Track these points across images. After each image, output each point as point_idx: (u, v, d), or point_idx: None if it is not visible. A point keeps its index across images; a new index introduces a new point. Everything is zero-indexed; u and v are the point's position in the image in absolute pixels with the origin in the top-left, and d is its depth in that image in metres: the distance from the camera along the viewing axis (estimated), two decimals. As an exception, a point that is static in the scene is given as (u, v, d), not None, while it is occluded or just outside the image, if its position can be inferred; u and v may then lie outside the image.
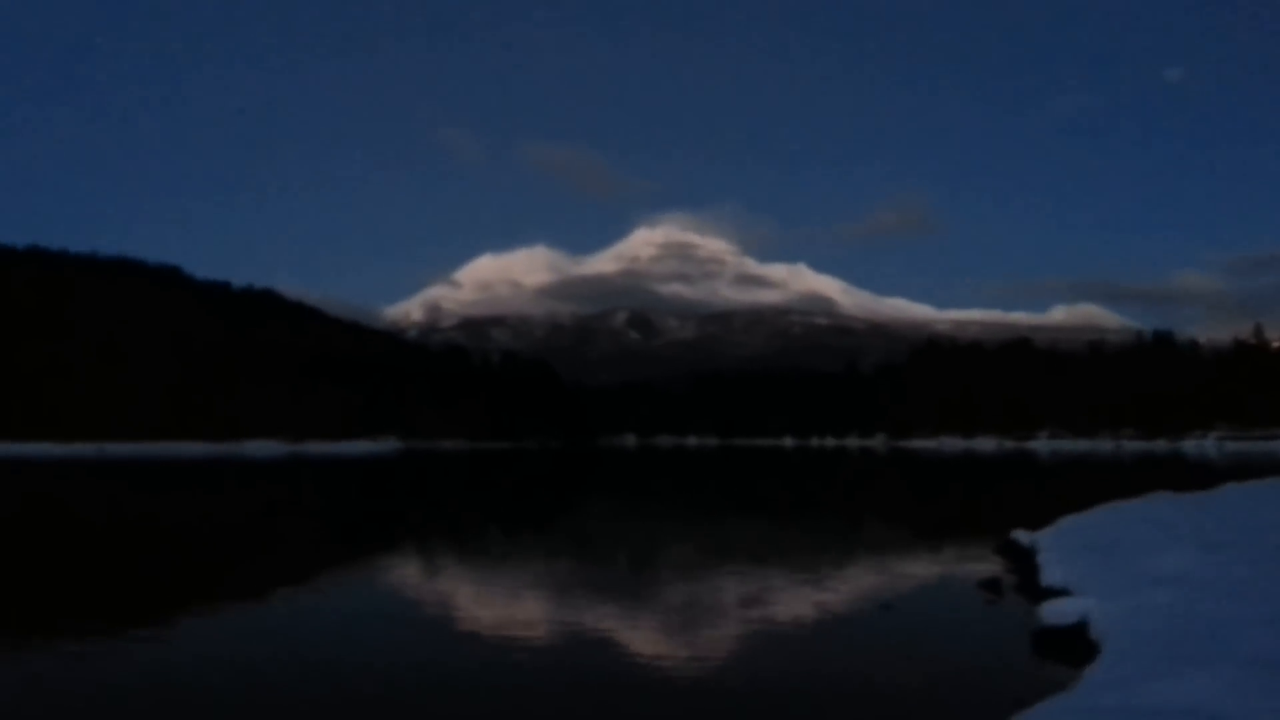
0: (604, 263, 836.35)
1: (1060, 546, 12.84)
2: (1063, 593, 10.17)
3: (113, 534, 21.48)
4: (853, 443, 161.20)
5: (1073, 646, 8.45)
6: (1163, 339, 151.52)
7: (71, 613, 11.52)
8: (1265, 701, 5.38)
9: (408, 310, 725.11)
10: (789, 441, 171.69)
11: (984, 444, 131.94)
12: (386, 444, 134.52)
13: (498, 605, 12.07)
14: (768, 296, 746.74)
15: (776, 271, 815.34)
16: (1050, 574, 11.33)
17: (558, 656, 9.10)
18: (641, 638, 9.92)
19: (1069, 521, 15.51)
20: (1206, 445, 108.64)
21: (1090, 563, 11.14)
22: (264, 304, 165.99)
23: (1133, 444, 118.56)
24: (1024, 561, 13.64)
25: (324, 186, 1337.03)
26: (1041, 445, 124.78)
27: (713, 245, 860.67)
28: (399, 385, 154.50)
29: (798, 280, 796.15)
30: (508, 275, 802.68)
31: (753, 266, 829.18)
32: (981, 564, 14.39)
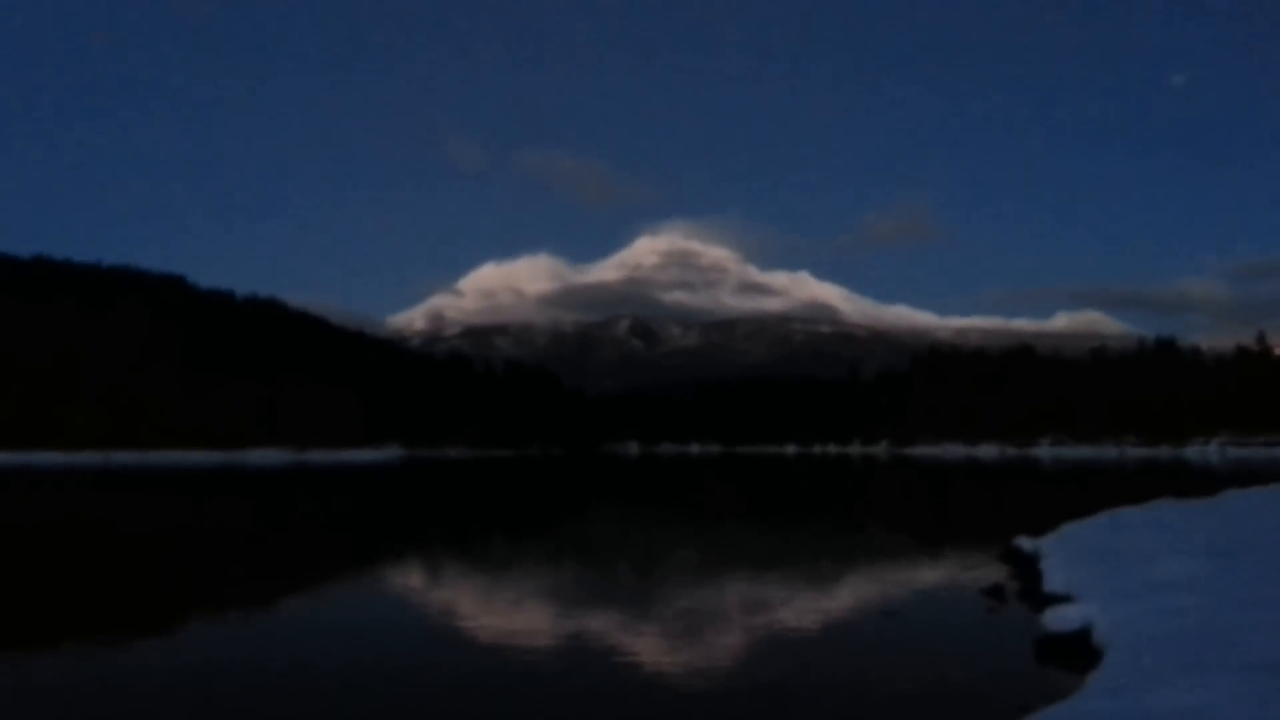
0: (606, 271, 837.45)
1: (1063, 553, 12.82)
2: (1066, 599, 10.15)
3: (127, 543, 21.49)
4: (855, 450, 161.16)
5: (1076, 653, 8.43)
6: (1165, 345, 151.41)
7: (83, 619, 11.54)
8: (1269, 708, 5.37)
9: (411, 319, 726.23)
10: (792, 449, 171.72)
11: (986, 451, 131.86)
12: (390, 452, 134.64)
13: (502, 613, 12.07)
14: (770, 304, 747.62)
15: (779, 279, 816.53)
16: (1053, 580, 11.31)
17: (560, 663, 9.10)
18: (645, 644, 9.93)
19: (1072, 528, 15.49)
20: (1209, 452, 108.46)
21: (1093, 569, 11.13)
22: (267, 313, 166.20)
23: (1136, 450, 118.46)
24: (1027, 568, 13.61)
25: (327, 196, 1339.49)
26: (1044, 452, 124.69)
27: (715, 253, 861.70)
28: (402, 393, 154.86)
29: (800, 288, 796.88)
30: (510, 284, 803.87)
31: (755, 274, 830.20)
32: (984, 571, 14.37)
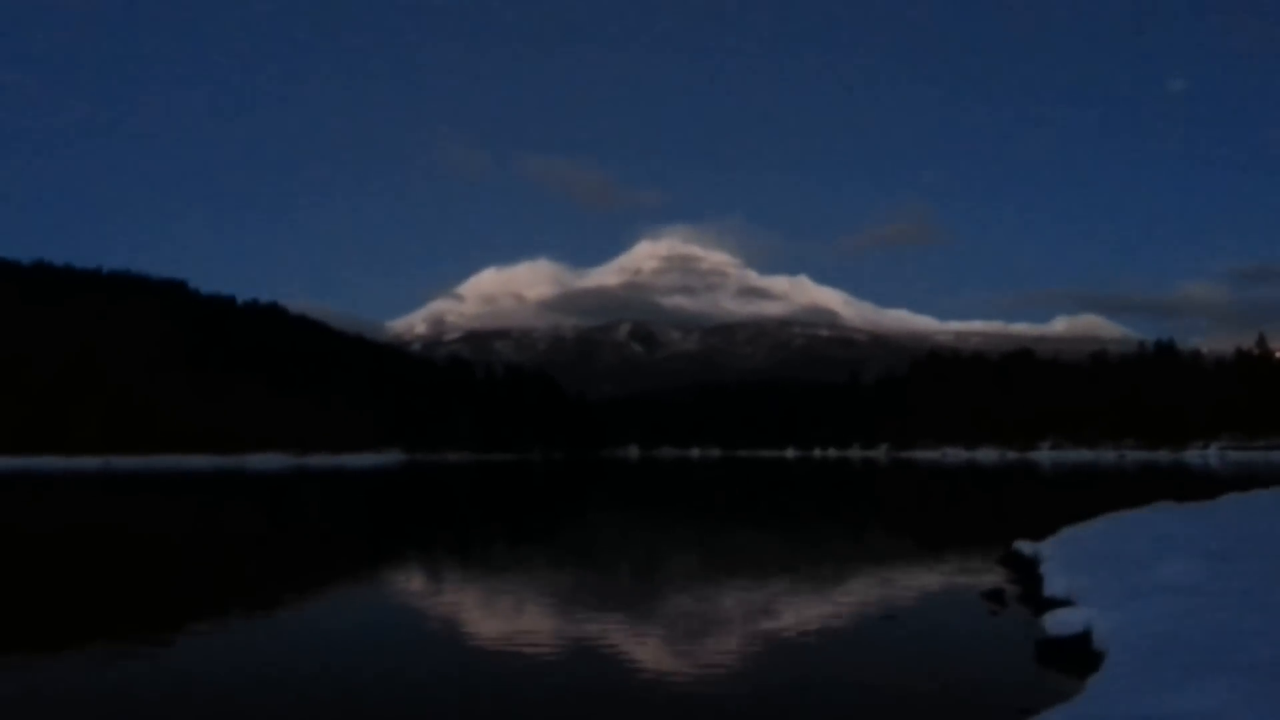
0: (606, 275, 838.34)
1: (1063, 557, 12.82)
2: (1066, 603, 10.15)
3: (132, 548, 21.47)
4: (855, 454, 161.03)
5: (1076, 657, 8.44)
6: (1165, 349, 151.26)
7: (87, 624, 11.55)
8: (1270, 712, 5.38)
9: (412, 323, 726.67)
10: (791, 453, 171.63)
11: (986, 455, 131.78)
12: (390, 456, 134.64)
13: (504, 617, 12.08)
14: (770, 308, 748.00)
15: (779, 284, 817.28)
16: (1053, 584, 11.32)
17: (560, 667, 9.10)
18: (646, 648, 9.93)
19: (1072, 532, 15.48)
20: (1209, 455, 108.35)
21: (1093, 573, 11.13)
22: (269, 318, 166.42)
23: (1135, 454, 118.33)
24: (1027, 572, 13.62)
25: (328, 201, 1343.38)
26: (1044, 456, 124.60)
27: (715, 258, 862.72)
28: (403, 398, 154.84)
29: (800, 292, 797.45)
30: (511, 288, 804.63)
31: (755, 279, 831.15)
32: (984, 575, 14.38)
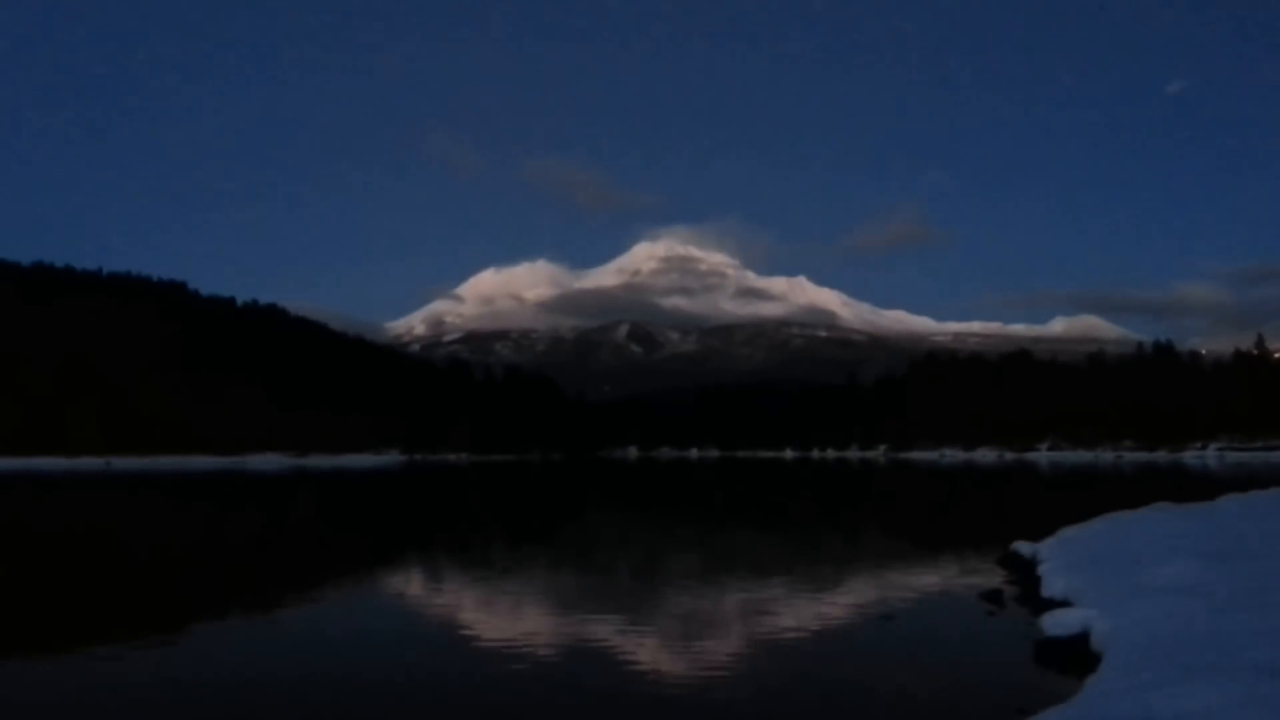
0: (605, 276, 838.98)
1: (1061, 557, 12.83)
2: (1064, 604, 10.16)
3: (135, 548, 21.47)
4: (853, 454, 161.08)
5: (1074, 657, 8.44)
6: (1163, 350, 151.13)
7: (87, 624, 11.54)
8: (1267, 713, 5.38)
9: (411, 324, 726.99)
10: (790, 454, 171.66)
11: (984, 455, 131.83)
12: (389, 457, 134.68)
13: (503, 618, 12.09)
14: (768, 309, 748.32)
15: (777, 284, 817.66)
16: (1051, 585, 11.33)
17: (560, 668, 9.10)
18: (644, 649, 9.93)
19: (1070, 532, 15.49)
20: (1208, 456, 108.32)
21: (1091, 574, 11.13)
22: (268, 319, 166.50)
23: (1133, 455, 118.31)
24: (1025, 573, 13.63)
25: (327, 202, 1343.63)
26: (1042, 457, 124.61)
27: (713, 259, 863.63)
28: (402, 399, 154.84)
29: (798, 293, 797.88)
30: (510, 289, 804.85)
31: (753, 280, 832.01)
32: (983, 575, 14.39)
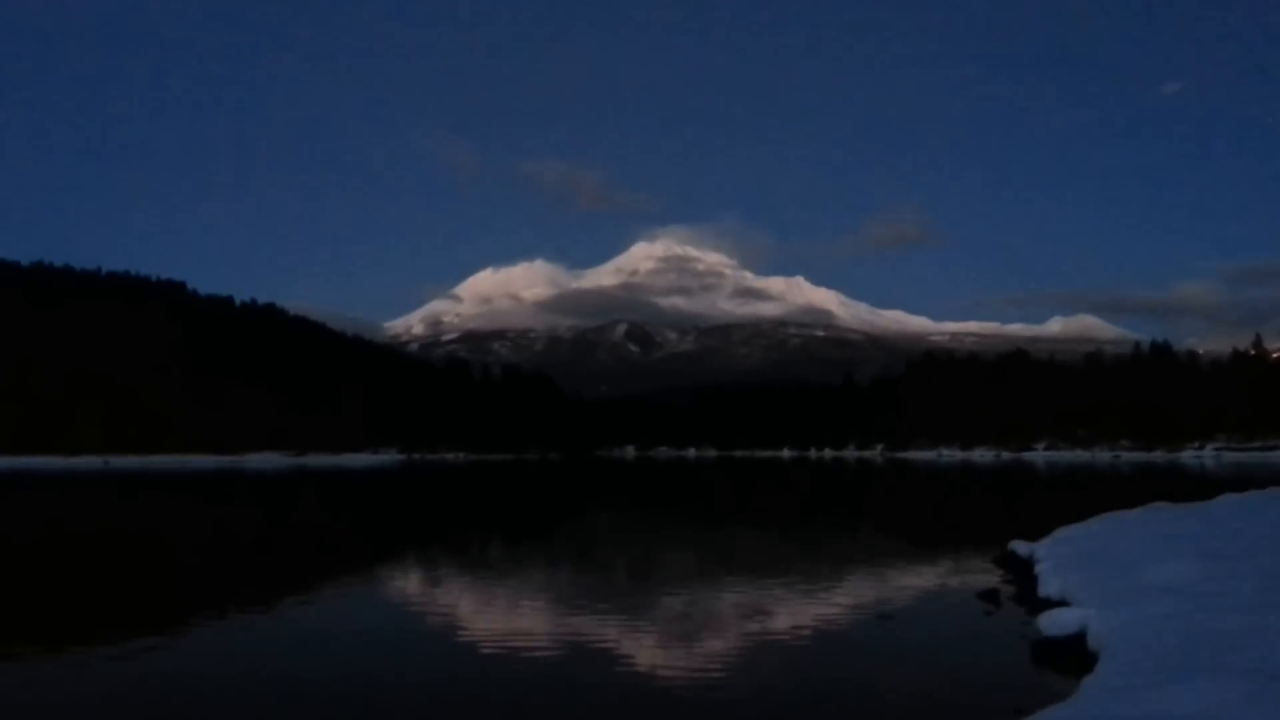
0: (603, 276, 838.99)
1: (1058, 557, 12.84)
2: (1061, 603, 10.17)
3: (137, 548, 21.43)
4: (851, 454, 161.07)
5: (1071, 657, 8.46)
6: (1160, 350, 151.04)
7: (87, 623, 11.55)
8: (1265, 713, 5.38)
9: (409, 324, 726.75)
10: (787, 453, 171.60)
11: (981, 455, 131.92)
12: (387, 456, 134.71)
13: (501, 616, 12.08)
14: (766, 309, 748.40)
15: (775, 284, 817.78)
16: (1048, 584, 11.34)
17: (558, 668, 9.10)
18: (642, 648, 9.93)
19: (1067, 532, 15.51)
20: (1205, 456, 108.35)
21: (1088, 573, 11.14)
22: (266, 319, 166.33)
23: (1130, 455, 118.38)
24: (1022, 572, 13.64)
25: (325, 202, 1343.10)
26: (1039, 456, 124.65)
27: (711, 258, 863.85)
28: (400, 398, 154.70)
29: (796, 293, 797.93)
30: (508, 289, 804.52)
31: (751, 279, 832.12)
32: (980, 575, 14.40)
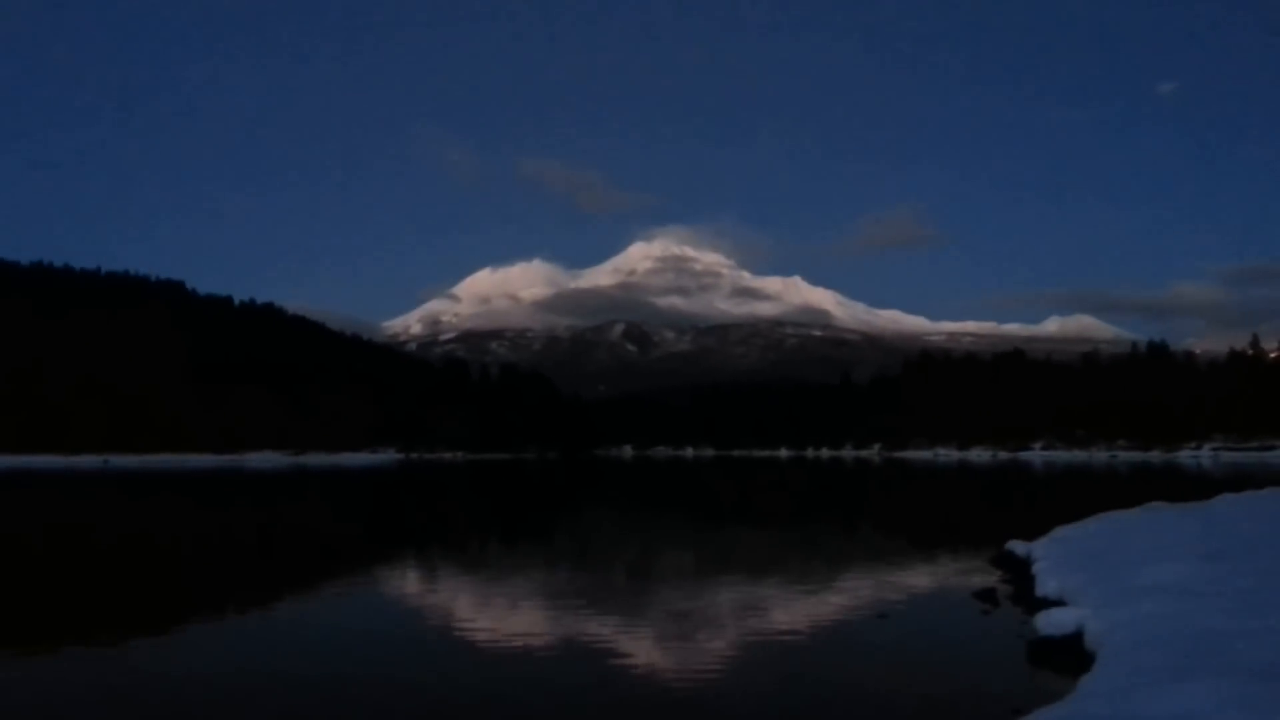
0: (601, 276, 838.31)
1: (1055, 557, 12.84)
2: (1058, 603, 10.17)
3: (139, 547, 21.40)
4: (848, 454, 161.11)
5: (1068, 656, 8.45)
6: (1157, 350, 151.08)
7: (87, 622, 11.53)
8: (1261, 713, 5.38)
9: (407, 323, 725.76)
10: (785, 453, 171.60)
11: (979, 455, 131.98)
12: (386, 455, 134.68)
13: (500, 616, 12.08)
14: (763, 309, 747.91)
15: (772, 284, 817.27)
16: (1045, 584, 11.33)
17: (554, 667, 9.10)
18: (639, 647, 9.93)
19: (1064, 532, 15.51)
20: (1202, 456, 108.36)
21: (1085, 573, 11.14)
22: (265, 318, 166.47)
23: (1127, 455, 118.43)
24: (1019, 572, 13.64)
25: (324, 202, 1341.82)
26: (1036, 456, 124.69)
27: (709, 258, 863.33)
28: (399, 397, 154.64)
29: (793, 293, 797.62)
30: (506, 289, 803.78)
31: (749, 279, 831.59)
32: (977, 575, 14.39)
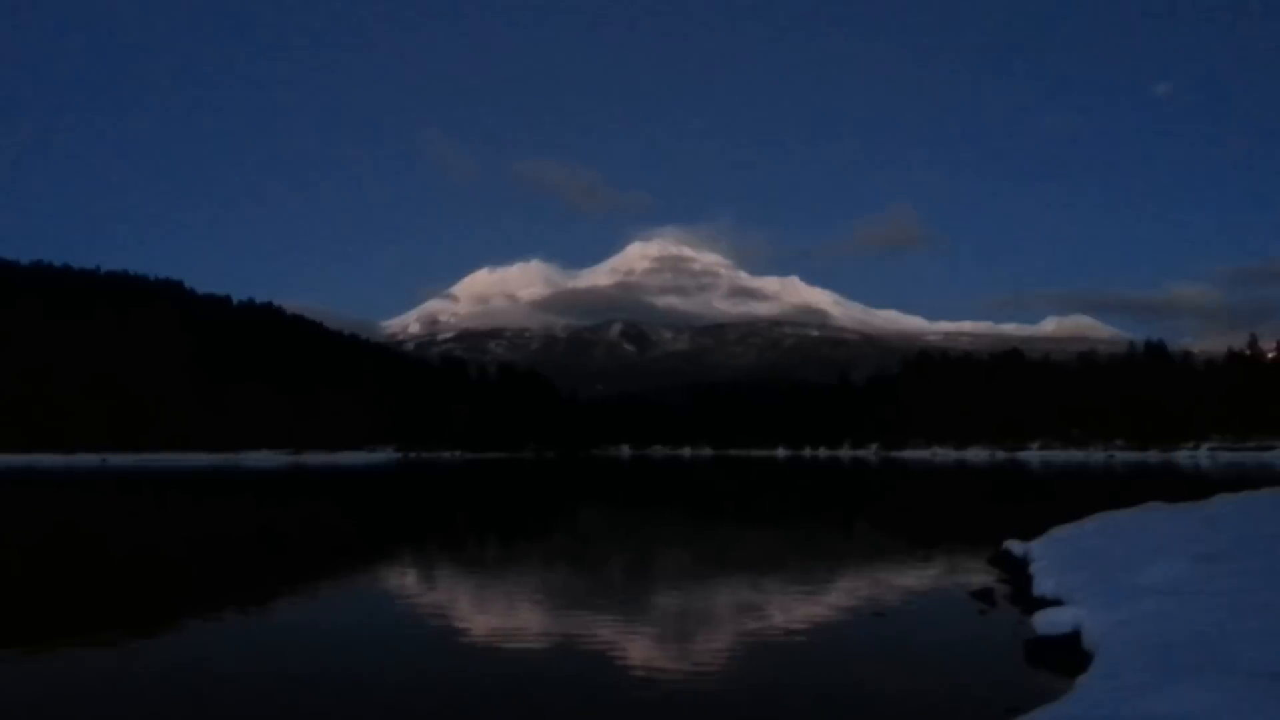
0: (599, 276, 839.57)
1: (1053, 556, 12.83)
2: (1055, 603, 10.15)
3: (140, 546, 21.35)
4: (845, 453, 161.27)
5: (1065, 656, 8.43)
6: (1155, 350, 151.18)
7: (86, 621, 11.50)
8: (1259, 713, 5.36)
9: (406, 323, 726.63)
10: (782, 452, 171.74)
11: (976, 454, 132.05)
12: (384, 454, 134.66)
13: (498, 615, 12.05)
14: (761, 309, 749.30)
15: (770, 284, 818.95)
16: (1043, 584, 11.32)
17: (551, 666, 9.08)
18: (636, 646, 9.90)
19: (1062, 531, 15.50)
20: (1199, 456, 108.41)
21: (1083, 573, 11.12)
22: (264, 317, 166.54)
23: (1125, 455, 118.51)
24: (1017, 571, 13.62)
25: (322, 201, 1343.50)
26: (1033, 456, 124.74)
27: (706, 258, 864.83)
28: (397, 396, 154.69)
29: (791, 293, 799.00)
30: (504, 289, 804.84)
31: (746, 279, 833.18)
32: (974, 574, 14.38)
